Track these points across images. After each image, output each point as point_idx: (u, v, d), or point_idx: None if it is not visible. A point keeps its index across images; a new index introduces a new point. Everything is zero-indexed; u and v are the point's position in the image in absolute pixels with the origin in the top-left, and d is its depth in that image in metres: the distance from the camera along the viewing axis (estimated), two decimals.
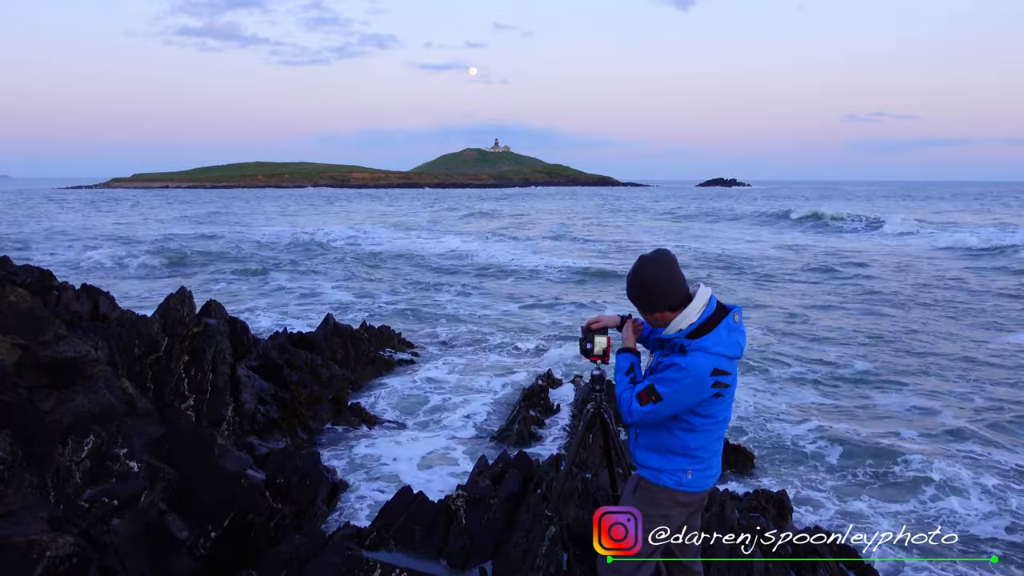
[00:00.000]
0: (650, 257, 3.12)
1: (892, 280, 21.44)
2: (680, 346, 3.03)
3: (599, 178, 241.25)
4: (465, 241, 35.24)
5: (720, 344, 3.01)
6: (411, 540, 4.40)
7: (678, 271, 3.11)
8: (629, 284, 3.16)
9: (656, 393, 3.00)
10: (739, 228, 45.18)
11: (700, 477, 3.18)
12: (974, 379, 10.66)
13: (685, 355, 3.00)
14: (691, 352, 2.99)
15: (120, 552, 4.36)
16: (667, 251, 3.14)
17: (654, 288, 3.08)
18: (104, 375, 5.41)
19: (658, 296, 3.09)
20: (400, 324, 14.14)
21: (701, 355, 2.97)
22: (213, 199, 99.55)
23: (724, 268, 24.68)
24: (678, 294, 3.08)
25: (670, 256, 3.13)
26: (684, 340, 3.03)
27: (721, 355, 3.00)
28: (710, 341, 3.00)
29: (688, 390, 2.96)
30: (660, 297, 3.09)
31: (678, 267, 3.13)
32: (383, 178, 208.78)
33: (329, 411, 8.21)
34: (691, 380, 2.95)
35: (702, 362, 2.96)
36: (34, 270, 9.95)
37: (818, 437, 8.17)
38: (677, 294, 3.08)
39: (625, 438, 4.45)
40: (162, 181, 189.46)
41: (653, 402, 3.00)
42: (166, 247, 29.98)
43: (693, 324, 3.04)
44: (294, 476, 5.45)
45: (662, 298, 3.08)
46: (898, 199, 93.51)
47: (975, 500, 6.61)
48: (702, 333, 3.03)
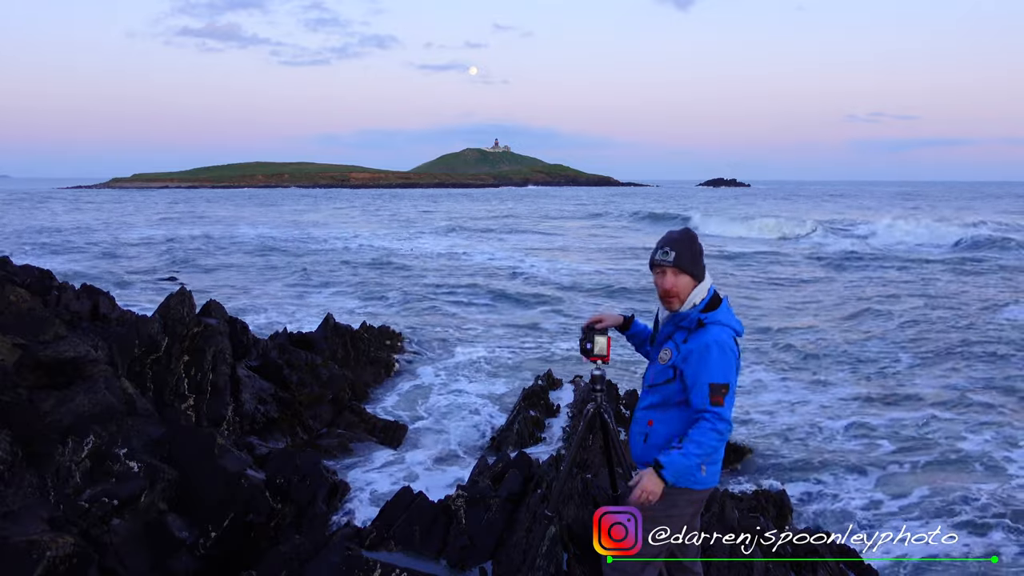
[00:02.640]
0: (686, 228, 3.34)
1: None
2: (698, 321, 3.15)
3: (599, 178, 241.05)
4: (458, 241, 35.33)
5: (730, 319, 3.20)
6: (411, 540, 4.40)
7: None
8: (685, 238, 3.24)
9: (717, 386, 3.04)
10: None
11: (712, 472, 3.18)
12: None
13: (706, 329, 3.12)
14: (710, 325, 3.13)
15: (120, 552, 4.37)
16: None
17: (696, 249, 3.23)
18: (104, 375, 5.41)
19: (696, 256, 3.22)
20: (399, 324, 14.14)
21: (719, 327, 3.13)
22: (241, 199, 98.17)
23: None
24: (703, 270, 3.25)
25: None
26: (701, 315, 3.16)
27: (733, 328, 3.18)
28: (722, 315, 3.17)
29: (731, 360, 3.08)
30: (695, 260, 3.21)
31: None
32: (383, 178, 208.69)
33: (329, 411, 8.21)
34: (727, 349, 3.08)
35: (723, 331, 3.12)
36: (34, 270, 9.96)
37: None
38: (703, 270, 3.25)
39: (625, 438, 4.45)
40: (162, 181, 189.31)
41: (724, 393, 3.04)
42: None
43: (704, 300, 3.19)
44: (294, 476, 5.45)
45: (696, 261, 3.21)
46: (821, 199, 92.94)
47: (974, 499, 6.60)
48: (711, 309, 3.19)
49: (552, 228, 44.21)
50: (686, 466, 3.02)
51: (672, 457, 3.02)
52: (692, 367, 3.08)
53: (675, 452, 3.03)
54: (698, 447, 2.99)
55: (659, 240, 3.28)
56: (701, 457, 3.01)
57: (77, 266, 23.56)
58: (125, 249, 30.05)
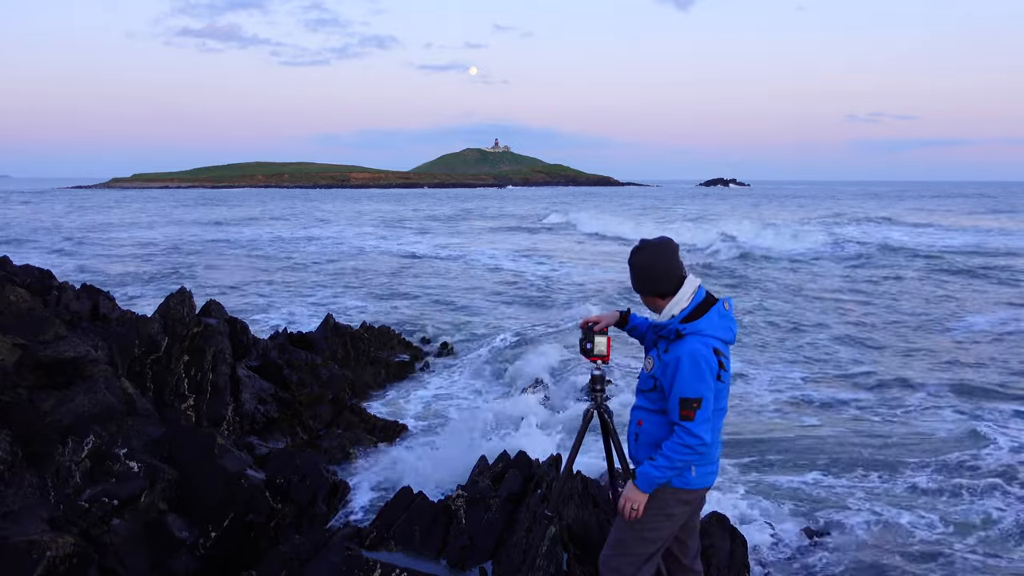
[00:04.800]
0: (651, 241, 3.21)
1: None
2: (676, 331, 3.09)
3: (599, 178, 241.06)
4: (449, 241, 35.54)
5: (713, 328, 3.09)
6: (411, 540, 4.40)
7: (675, 259, 3.18)
8: (638, 264, 3.22)
9: (687, 400, 3.01)
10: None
11: (703, 473, 3.19)
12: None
13: (683, 340, 3.06)
14: (688, 336, 3.06)
15: (120, 552, 4.37)
16: (669, 239, 3.23)
17: (647, 272, 3.17)
18: (104, 375, 5.41)
19: (650, 280, 3.17)
20: (399, 323, 14.13)
21: (698, 338, 3.05)
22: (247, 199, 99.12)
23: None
24: (671, 283, 3.15)
25: (672, 244, 3.21)
26: (679, 325, 3.09)
27: (716, 338, 3.09)
28: (705, 324, 3.08)
29: (703, 373, 3.01)
30: (653, 282, 3.17)
31: (676, 256, 3.19)
32: (383, 178, 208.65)
33: (329, 411, 8.21)
34: (701, 362, 3.01)
35: (701, 343, 3.05)
36: (34, 270, 9.96)
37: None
38: (670, 282, 3.15)
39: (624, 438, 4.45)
40: (162, 181, 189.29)
41: (696, 408, 3.01)
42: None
43: (685, 310, 3.12)
44: (294, 476, 5.45)
45: (654, 283, 3.16)
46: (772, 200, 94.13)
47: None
48: (695, 318, 3.10)
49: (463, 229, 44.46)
50: (658, 478, 3.10)
51: (645, 469, 3.13)
52: (668, 379, 3.09)
53: (648, 464, 3.12)
54: (668, 461, 3.07)
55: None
56: (672, 470, 3.08)
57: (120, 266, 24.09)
58: (130, 249, 30.34)
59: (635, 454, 3.33)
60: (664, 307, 3.16)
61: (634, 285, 3.26)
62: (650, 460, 3.13)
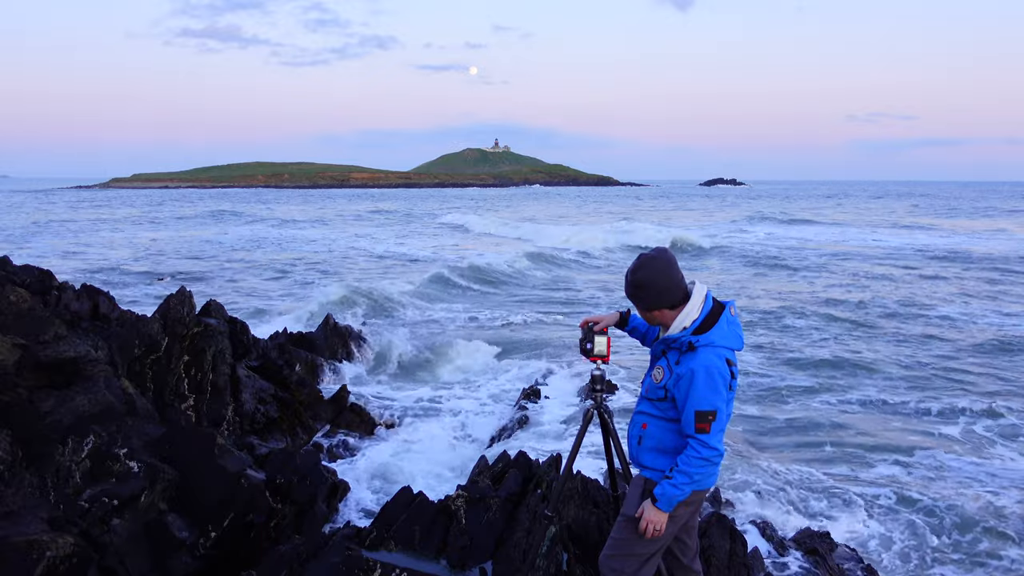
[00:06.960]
0: (649, 255, 3.15)
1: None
2: (689, 344, 3.05)
3: (599, 178, 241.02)
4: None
5: (724, 338, 3.07)
6: (411, 540, 4.40)
7: (677, 270, 3.14)
8: (628, 283, 3.18)
9: (703, 413, 3.00)
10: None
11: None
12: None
13: (696, 352, 3.03)
14: (700, 349, 3.03)
15: (120, 552, 4.36)
16: (666, 250, 3.19)
17: (652, 286, 3.11)
18: (104, 375, 5.41)
19: (656, 294, 3.12)
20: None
21: (711, 350, 3.03)
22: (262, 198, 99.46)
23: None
24: (677, 292, 3.12)
25: (669, 255, 3.16)
26: (691, 337, 3.06)
27: (727, 348, 3.07)
28: (716, 335, 3.06)
29: (718, 385, 3.00)
30: (659, 295, 3.12)
31: (677, 266, 3.15)
32: (383, 178, 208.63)
33: (329, 411, 8.21)
34: (716, 375, 3.00)
35: (714, 354, 3.02)
36: (34, 270, 9.96)
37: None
38: (676, 292, 3.12)
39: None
40: (162, 181, 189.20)
41: (711, 420, 3.00)
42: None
43: (696, 321, 3.08)
44: (294, 476, 5.45)
45: (660, 296, 3.12)
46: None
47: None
48: (706, 329, 3.07)
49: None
50: (678, 496, 3.08)
51: (664, 489, 3.09)
52: (681, 392, 3.07)
53: (667, 483, 3.08)
54: (687, 477, 3.04)
55: (626, 274, 3.23)
56: (691, 484, 3.06)
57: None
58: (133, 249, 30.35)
59: (637, 457, 3.32)
60: (674, 318, 3.12)
61: (639, 303, 3.19)
62: (667, 478, 3.08)
